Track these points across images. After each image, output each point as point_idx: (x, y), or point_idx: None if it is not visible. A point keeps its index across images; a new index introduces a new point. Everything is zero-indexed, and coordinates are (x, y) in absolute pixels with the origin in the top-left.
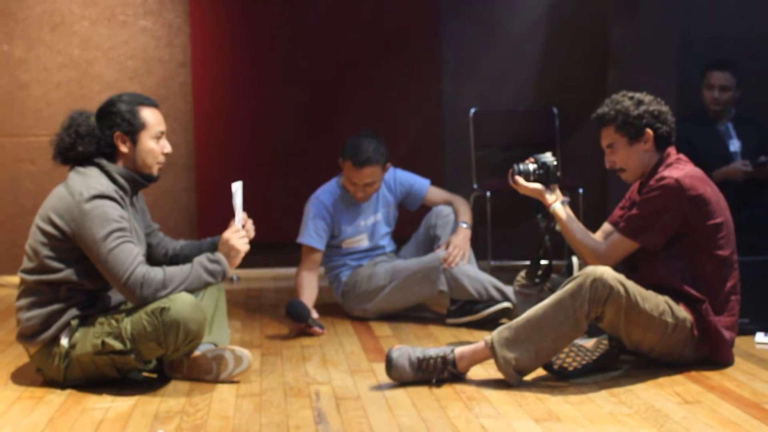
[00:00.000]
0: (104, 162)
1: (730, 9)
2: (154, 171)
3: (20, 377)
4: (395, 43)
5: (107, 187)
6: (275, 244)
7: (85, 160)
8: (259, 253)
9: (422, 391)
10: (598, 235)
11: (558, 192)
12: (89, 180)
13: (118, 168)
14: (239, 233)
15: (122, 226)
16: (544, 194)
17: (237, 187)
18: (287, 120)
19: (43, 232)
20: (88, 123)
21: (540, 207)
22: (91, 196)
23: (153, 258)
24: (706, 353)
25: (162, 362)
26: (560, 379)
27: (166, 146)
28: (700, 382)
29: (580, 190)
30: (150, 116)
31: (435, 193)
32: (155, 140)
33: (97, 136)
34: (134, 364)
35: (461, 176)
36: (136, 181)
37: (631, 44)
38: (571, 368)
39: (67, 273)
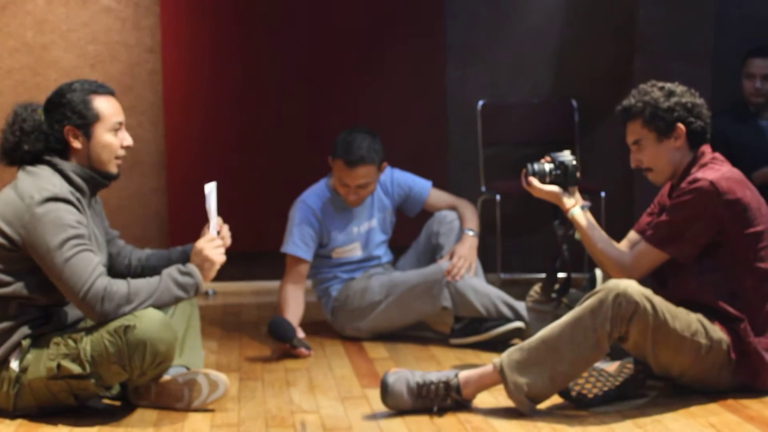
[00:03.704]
0: (57, 160)
1: None
2: (112, 168)
3: None
4: (393, 26)
5: (61, 188)
6: (256, 254)
7: (34, 159)
8: (238, 264)
9: (422, 420)
10: (623, 245)
11: (577, 195)
12: (41, 181)
13: (73, 166)
14: (214, 242)
15: (79, 232)
16: (561, 198)
17: (210, 189)
18: (271, 113)
19: None
20: (34, 118)
21: (557, 212)
22: (43, 199)
23: (114, 270)
24: (744, 379)
25: (126, 388)
26: (579, 408)
27: (126, 138)
28: (738, 411)
29: (603, 194)
30: (105, 106)
31: (438, 196)
32: (112, 133)
33: (45, 132)
34: (94, 390)
35: (467, 177)
36: (95, 180)
37: (660, 28)
38: (591, 395)
39: (17, 287)
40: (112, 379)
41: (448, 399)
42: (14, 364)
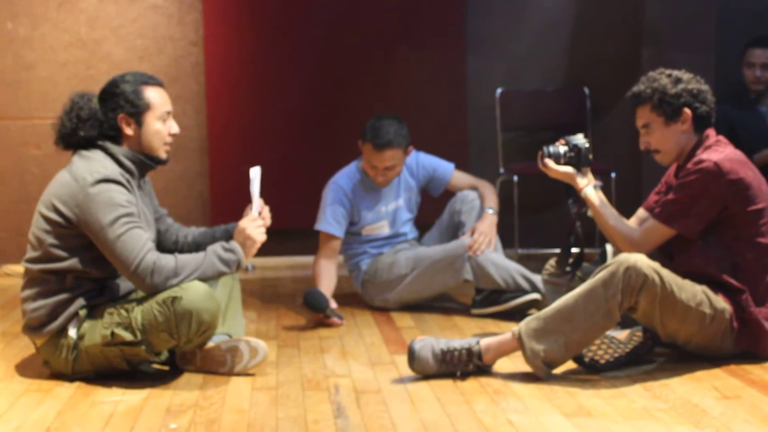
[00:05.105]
0: (108, 144)
1: None
2: (161, 153)
3: (27, 370)
4: (416, 19)
5: (112, 170)
6: (292, 231)
7: (88, 144)
8: (276, 241)
9: (446, 384)
10: (633, 222)
11: (590, 176)
12: (93, 164)
13: (123, 150)
14: (256, 222)
15: (130, 211)
16: (575, 178)
17: (255, 173)
18: (304, 101)
19: (47, 220)
20: (90, 106)
21: (571, 192)
22: (95, 181)
23: (162, 246)
24: (746, 346)
25: (174, 354)
26: (591, 373)
27: (174, 126)
28: (740, 376)
29: (613, 174)
30: (155, 96)
31: (459, 177)
32: (161, 121)
33: (99, 120)
34: (145, 356)
35: (487, 160)
36: (143, 163)
37: (667, 19)
38: (602, 361)
39: (73, 261)
40: (161, 345)
41: (470, 364)
42: (72, 332)
